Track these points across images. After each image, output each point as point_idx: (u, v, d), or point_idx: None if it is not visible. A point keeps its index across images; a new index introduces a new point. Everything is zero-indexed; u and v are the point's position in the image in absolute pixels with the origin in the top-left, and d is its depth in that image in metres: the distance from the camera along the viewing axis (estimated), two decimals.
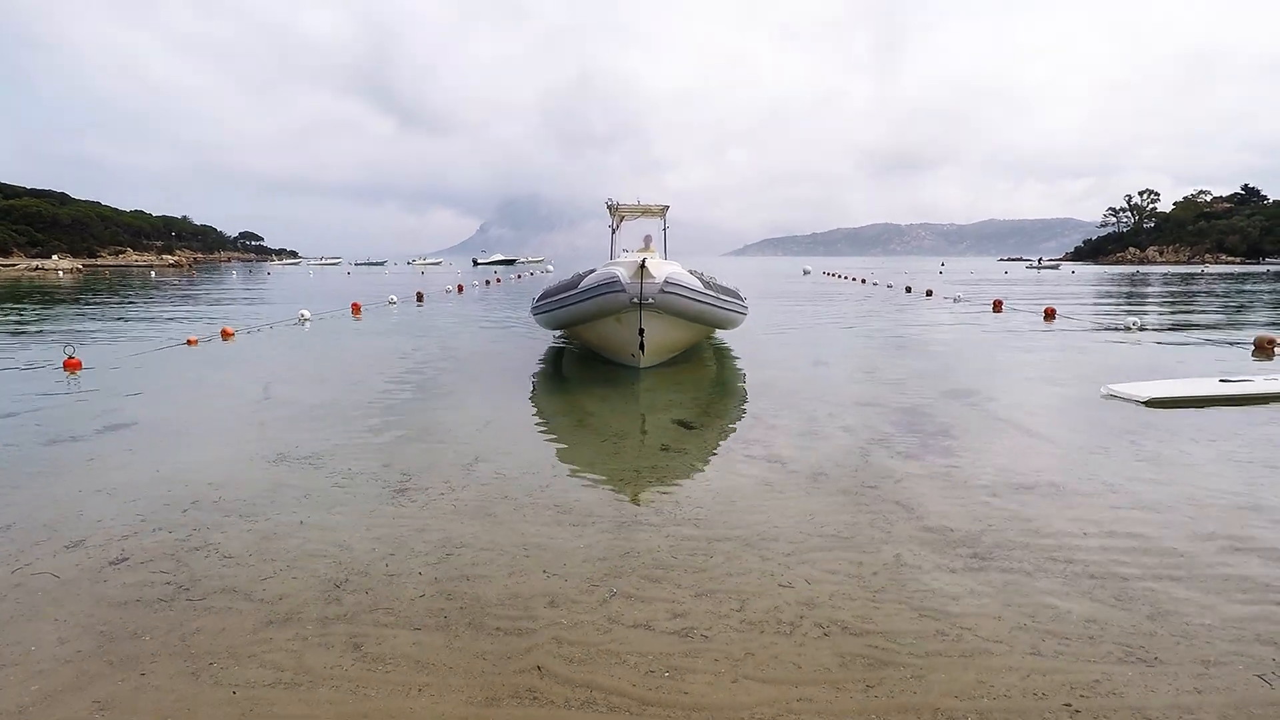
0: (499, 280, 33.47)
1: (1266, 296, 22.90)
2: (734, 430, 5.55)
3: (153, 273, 50.03)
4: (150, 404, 6.43)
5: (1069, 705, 2.11)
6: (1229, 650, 2.39)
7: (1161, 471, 4.40)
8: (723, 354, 9.68)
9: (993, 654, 2.37)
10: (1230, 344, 10.63)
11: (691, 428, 5.60)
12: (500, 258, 76.40)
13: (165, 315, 16.25)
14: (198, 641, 2.47)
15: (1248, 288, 28.54)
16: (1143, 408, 6.18)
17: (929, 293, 22.69)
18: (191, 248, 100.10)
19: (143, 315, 16.27)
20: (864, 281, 32.47)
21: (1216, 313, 16.80)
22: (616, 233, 12.02)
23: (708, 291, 7.98)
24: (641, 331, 7.41)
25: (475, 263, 71.38)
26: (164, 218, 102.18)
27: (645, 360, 7.74)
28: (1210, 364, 8.57)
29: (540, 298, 8.93)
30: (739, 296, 9.02)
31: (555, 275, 37.67)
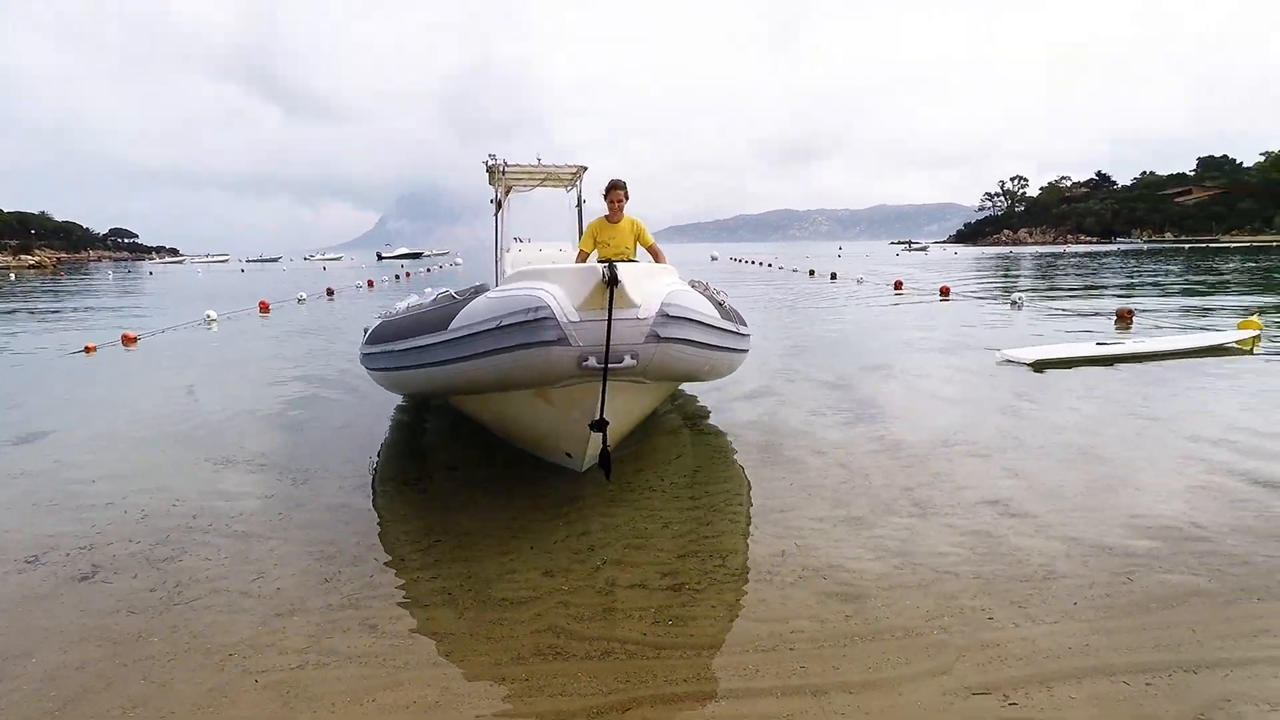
0: (409, 275, 32.49)
1: (1120, 272, 25.65)
2: (684, 407, 5.85)
3: (12, 275, 45.09)
4: (62, 414, 6.02)
5: (1010, 602, 2.52)
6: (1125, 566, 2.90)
7: (1055, 422, 5.06)
8: None
9: (945, 580, 2.77)
10: (1096, 314, 11.95)
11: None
12: (405, 251, 73.70)
13: (47, 321, 14.86)
14: (209, 637, 2.50)
15: (1107, 264, 31.80)
16: (1030, 370, 6.99)
17: (833, 275, 23.92)
18: (54, 246, 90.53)
19: (19, 322, 14.80)
20: (769, 266, 33.72)
21: (1082, 288, 18.71)
22: (503, 211, 7.70)
23: (725, 325, 4.04)
24: (603, 424, 3.34)
25: (380, 256, 68.51)
26: (17, 214, 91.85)
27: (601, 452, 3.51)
28: (1081, 333, 9.66)
29: (372, 337, 4.67)
30: (745, 323, 4.78)
31: (463, 269, 36.36)
